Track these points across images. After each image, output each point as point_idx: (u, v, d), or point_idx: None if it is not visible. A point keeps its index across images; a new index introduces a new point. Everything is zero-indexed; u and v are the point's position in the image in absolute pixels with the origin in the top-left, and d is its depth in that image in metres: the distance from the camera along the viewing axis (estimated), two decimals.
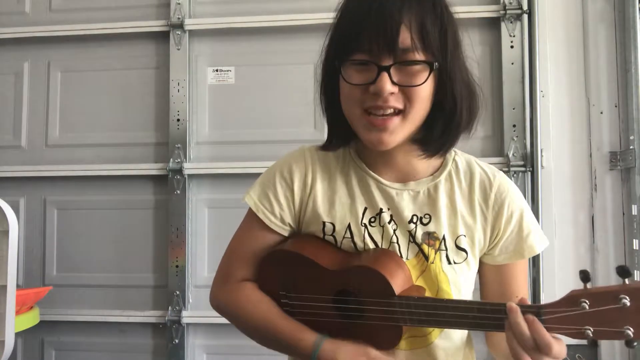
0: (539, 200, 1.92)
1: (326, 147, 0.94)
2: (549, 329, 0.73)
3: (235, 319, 0.95)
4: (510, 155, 1.94)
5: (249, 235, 0.95)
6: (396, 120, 0.81)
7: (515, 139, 1.96)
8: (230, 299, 0.94)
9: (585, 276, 0.73)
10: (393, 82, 0.79)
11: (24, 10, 2.24)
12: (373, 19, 0.79)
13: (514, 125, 1.96)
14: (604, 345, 1.93)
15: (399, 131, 0.82)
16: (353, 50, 0.81)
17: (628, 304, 0.69)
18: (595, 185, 1.98)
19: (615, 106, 1.98)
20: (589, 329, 0.72)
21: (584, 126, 2.00)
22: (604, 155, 1.98)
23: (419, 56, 0.79)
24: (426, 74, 0.80)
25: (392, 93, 0.79)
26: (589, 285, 0.73)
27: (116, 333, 2.12)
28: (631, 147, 1.88)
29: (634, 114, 1.89)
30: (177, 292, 2.05)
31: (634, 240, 1.89)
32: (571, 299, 0.73)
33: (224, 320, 0.98)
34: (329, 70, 0.88)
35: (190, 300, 2.08)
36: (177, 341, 2.05)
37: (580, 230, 1.97)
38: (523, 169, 1.93)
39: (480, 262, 0.93)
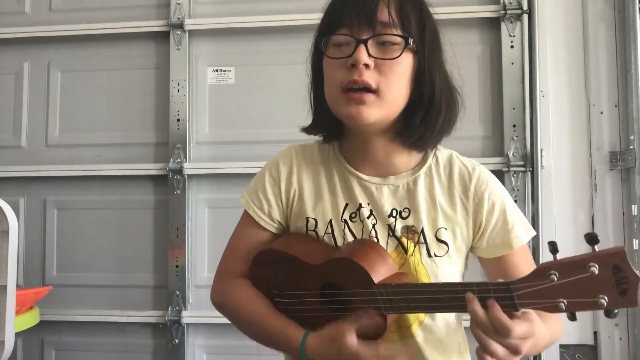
0: (539, 200, 1.92)
1: (308, 130, 0.99)
2: (521, 305, 0.72)
3: (231, 315, 0.97)
4: (510, 155, 1.94)
5: (243, 232, 0.99)
6: (372, 96, 0.83)
7: (515, 139, 1.96)
8: (227, 293, 0.97)
9: (553, 248, 0.71)
10: (370, 55, 0.82)
11: (24, 10, 2.24)
12: None
13: (514, 125, 1.96)
14: (604, 345, 1.93)
15: (375, 107, 0.84)
16: (336, 27, 0.86)
17: (597, 272, 0.67)
18: (595, 185, 1.98)
19: (615, 106, 1.98)
20: (562, 302, 0.69)
21: (584, 126, 2.00)
22: (604, 155, 1.98)
23: (397, 32, 0.83)
24: (401, 50, 0.83)
25: (367, 66, 0.82)
26: (558, 257, 0.71)
27: (116, 333, 2.12)
28: (631, 147, 1.89)
29: (634, 114, 1.89)
30: (177, 292, 2.05)
31: (634, 240, 1.89)
32: (540, 272, 0.71)
33: (224, 320, 0.99)
34: (316, 58, 0.93)
35: (190, 300, 2.08)
36: (177, 341, 2.05)
37: (580, 230, 1.97)
38: (523, 169, 1.93)
39: (479, 258, 0.95)
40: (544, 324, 0.79)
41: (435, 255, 0.89)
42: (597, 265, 0.67)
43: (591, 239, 0.68)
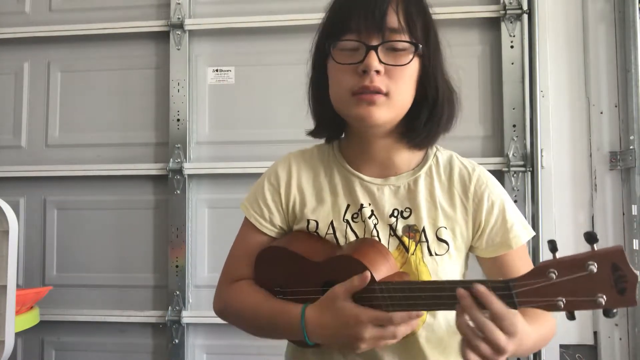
0: (539, 200, 1.92)
1: (314, 134, 0.99)
2: (520, 303, 0.72)
3: (234, 316, 0.97)
4: (510, 155, 1.94)
5: (245, 239, 1.00)
6: (382, 97, 0.84)
7: (515, 139, 1.96)
8: (227, 297, 0.98)
9: (553, 246, 0.72)
10: (380, 61, 0.83)
11: (24, 10, 2.24)
12: (362, 1, 0.85)
13: (514, 125, 1.96)
14: (604, 345, 1.93)
15: (385, 109, 0.85)
16: (343, 32, 0.86)
17: (595, 270, 0.67)
18: (595, 185, 1.98)
19: (615, 106, 1.98)
20: (561, 300, 0.69)
21: (584, 126, 2.00)
22: (604, 155, 1.98)
23: (405, 38, 0.85)
24: (411, 56, 0.85)
25: (378, 72, 0.83)
26: (557, 255, 0.71)
27: (116, 333, 2.12)
28: (631, 147, 1.89)
29: (634, 114, 1.89)
30: (177, 292, 2.05)
31: (634, 240, 1.89)
32: (539, 270, 0.71)
33: (223, 320, 0.99)
34: (318, 59, 0.94)
35: (190, 300, 2.08)
36: (177, 341, 2.05)
37: (580, 230, 1.97)
38: (523, 169, 1.93)
39: (477, 258, 0.96)
40: (533, 324, 0.80)
41: (436, 254, 0.89)
42: (595, 264, 0.67)
43: (590, 237, 0.68)
